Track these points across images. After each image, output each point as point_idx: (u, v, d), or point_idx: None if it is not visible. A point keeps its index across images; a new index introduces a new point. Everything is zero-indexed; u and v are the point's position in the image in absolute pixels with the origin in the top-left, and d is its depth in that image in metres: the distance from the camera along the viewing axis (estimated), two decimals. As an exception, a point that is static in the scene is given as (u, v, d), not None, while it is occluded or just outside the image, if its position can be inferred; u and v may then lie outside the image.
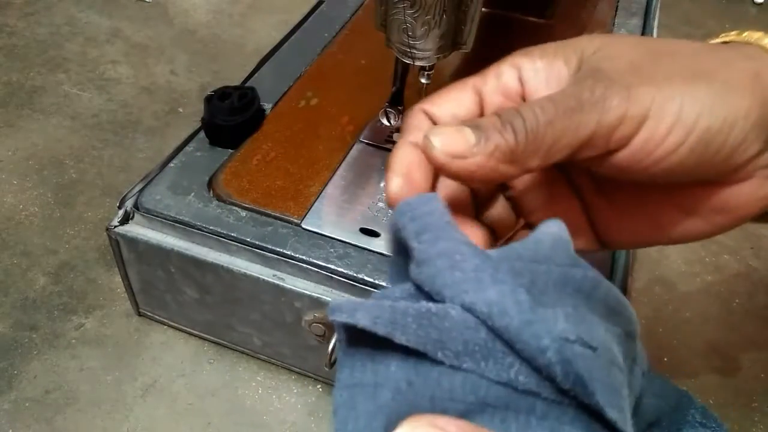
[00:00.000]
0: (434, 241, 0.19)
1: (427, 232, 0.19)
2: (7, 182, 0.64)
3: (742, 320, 0.56)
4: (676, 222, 0.24)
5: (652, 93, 0.20)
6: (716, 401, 0.51)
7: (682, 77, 0.20)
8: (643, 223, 0.25)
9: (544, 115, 0.20)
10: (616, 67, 0.21)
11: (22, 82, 0.76)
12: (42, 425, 0.46)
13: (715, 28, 0.93)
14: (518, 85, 0.23)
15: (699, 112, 0.20)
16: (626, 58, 0.21)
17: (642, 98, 0.20)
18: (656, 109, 0.20)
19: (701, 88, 0.20)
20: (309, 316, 0.44)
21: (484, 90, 0.24)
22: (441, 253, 0.19)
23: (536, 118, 0.20)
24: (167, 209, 0.46)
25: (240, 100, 0.51)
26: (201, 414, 0.48)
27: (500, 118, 0.21)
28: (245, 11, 0.91)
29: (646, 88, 0.20)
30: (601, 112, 0.20)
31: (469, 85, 0.24)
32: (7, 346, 0.51)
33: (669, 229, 0.24)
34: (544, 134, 0.20)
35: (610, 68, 0.21)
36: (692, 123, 0.20)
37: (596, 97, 0.20)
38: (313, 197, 0.47)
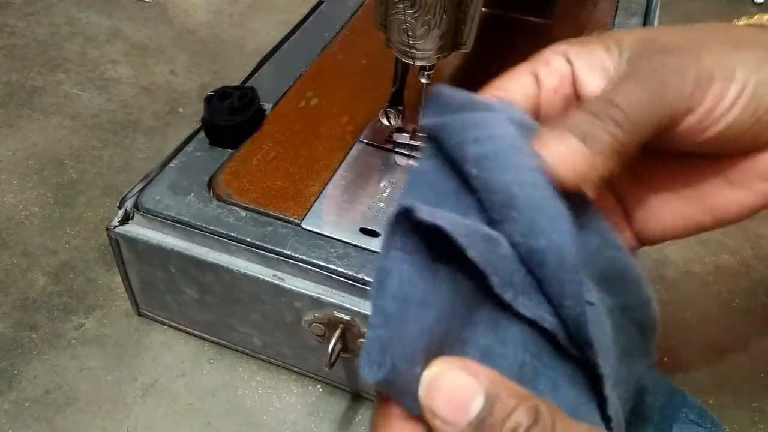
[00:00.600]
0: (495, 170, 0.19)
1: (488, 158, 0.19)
2: (7, 182, 0.64)
3: (742, 320, 0.56)
4: (721, 195, 0.24)
5: (713, 57, 0.21)
6: (716, 401, 0.51)
7: (728, 45, 0.21)
8: (685, 202, 0.25)
9: (635, 95, 0.20)
10: (673, 40, 0.21)
11: (22, 82, 0.76)
12: (42, 425, 0.46)
13: (715, 28, 0.93)
14: (569, 70, 0.23)
15: (750, 70, 0.21)
16: (678, 34, 0.22)
17: (706, 62, 0.21)
18: (718, 72, 0.21)
19: (746, 52, 0.21)
20: (309, 316, 0.44)
21: (539, 72, 0.24)
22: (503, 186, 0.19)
23: (630, 103, 0.20)
24: (167, 209, 0.46)
25: (240, 100, 0.51)
26: (201, 414, 0.48)
27: (592, 112, 0.20)
28: (245, 11, 0.91)
29: (706, 55, 0.21)
30: (681, 81, 0.20)
31: (524, 70, 0.24)
32: (7, 346, 0.51)
33: (713, 204, 0.24)
34: (642, 114, 0.20)
35: (669, 41, 0.21)
36: (744, 81, 0.21)
37: (672, 66, 0.20)
38: (313, 197, 0.47)
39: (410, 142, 0.51)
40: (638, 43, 0.22)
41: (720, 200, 0.24)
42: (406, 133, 0.51)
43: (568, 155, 0.20)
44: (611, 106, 0.20)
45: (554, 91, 0.23)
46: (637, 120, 0.20)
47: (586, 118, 0.20)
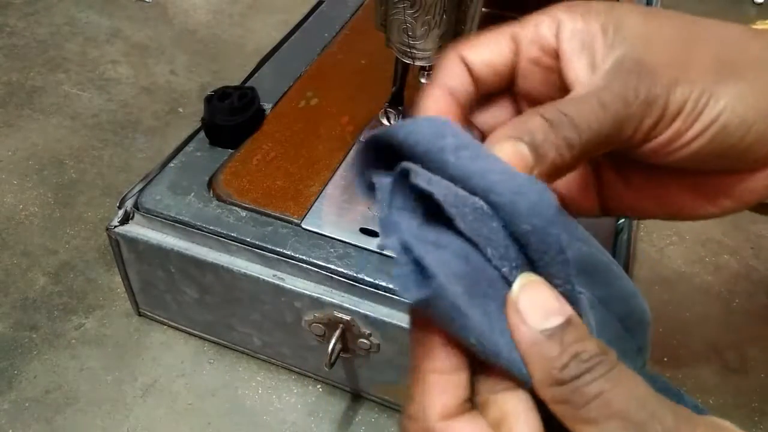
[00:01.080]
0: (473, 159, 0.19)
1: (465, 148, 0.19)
2: (7, 182, 0.64)
3: (742, 320, 0.56)
4: (685, 202, 0.25)
5: (687, 91, 0.21)
6: (716, 401, 0.51)
7: (714, 70, 0.21)
8: (652, 199, 0.25)
9: (597, 124, 0.20)
10: (657, 60, 0.21)
11: (22, 82, 0.76)
12: (42, 425, 0.46)
13: (715, 28, 0.93)
14: (554, 41, 0.23)
15: (721, 109, 0.21)
16: (665, 47, 0.21)
17: (679, 96, 0.21)
18: (688, 106, 0.21)
19: (729, 84, 0.21)
20: (309, 316, 0.44)
21: (521, 37, 0.23)
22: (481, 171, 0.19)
23: (590, 129, 0.20)
24: (167, 209, 0.46)
25: (240, 100, 0.51)
26: (201, 414, 0.48)
27: (552, 127, 0.21)
28: (245, 11, 0.91)
29: (683, 86, 0.21)
30: (645, 114, 0.21)
31: (507, 33, 0.24)
32: (7, 346, 0.51)
33: (676, 208, 0.25)
34: (596, 142, 0.21)
35: (651, 62, 0.21)
36: (713, 119, 0.21)
37: (641, 98, 0.21)
38: (313, 197, 0.47)
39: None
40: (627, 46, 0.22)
41: (685, 207, 0.25)
42: (406, 133, 0.51)
43: (512, 160, 0.20)
44: (571, 126, 0.20)
45: (534, 62, 0.23)
46: (588, 143, 0.20)
47: (542, 128, 0.21)
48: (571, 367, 0.17)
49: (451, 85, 0.23)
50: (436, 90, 0.23)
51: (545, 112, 0.21)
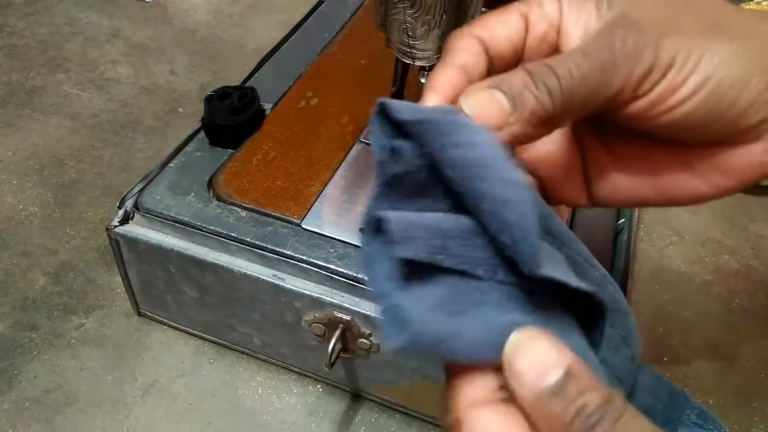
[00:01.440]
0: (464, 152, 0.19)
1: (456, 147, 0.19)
2: (7, 182, 0.64)
3: (742, 320, 0.56)
4: (677, 180, 0.24)
5: (677, 43, 0.20)
6: (716, 401, 0.51)
7: (706, 30, 0.21)
8: (643, 178, 0.25)
9: (579, 71, 0.20)
10: (644, 15, 0.21)
11: (22, 82, 0.76)
12: (42, 425, 0.46)
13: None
14: (558, 16, 0.23)
15: (716, 64, 0.20)
16: (653, 7, 0.21)
17: (668, 48, 0.20)
18: (680, 59, 0.20)
19: (722, 42, 0.20)
20: (309, 316, 0.44)
21: (529, 15, 0.23)
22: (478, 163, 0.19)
23: (571, 76, 0.20)
24: (167, 209, 0.46)
25: (240, 100, 0.51)
26: (201, 414, 0.48)
27: (532, 76, 0.20)
28: (245, 11, 0.91)
29: (672, 38, 0.20)
30: (633, 63, 0.20)
31: (515, 10, 0.23)
32: (7, 346, 0.51)
33: (668, 187, 0.24)
34: (579, 91, 0.20)
35: (639, 17, 0.21)
36: (708, 74, 0.20)
37: (628, 47, 0.20)
38: (313, 197, 0.47)
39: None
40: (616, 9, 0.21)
41: (677, 186, 0.24)
42: (406, 133, 0.51)
43: (486, 108, 0.20)
44: (551, 74, 0.20)
45: (541, 38, 0.23)
46: (570, 94, 0.20)
47: (522, 78, 0.20)
48: (576, 424, 0.16)
49: (464, 61, 0.22)
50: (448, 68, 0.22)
51: (527, 65, 0.21)
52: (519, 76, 0.20)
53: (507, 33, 0.23)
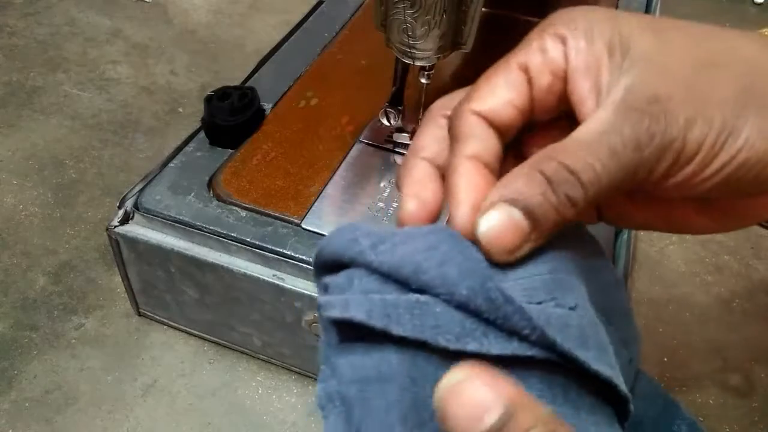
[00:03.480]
0: (392, 248, 0.18)
1: (383, 242, 0.19)
2: (7, 182, 0.64)
3: (742, 320, 0.56)
4: (688, 220, 0.24)
5: (706, 129, 0.19)
6: (716, 401, 0.51)
7: (733, 103, 0.19)
8: (654, 214, 0.24)
9: (606, 175, 0.19)
10: (671, 93, 0.19)
11: (22, 82, 0.76)
12: (42, 425, 0.46)
13: (715, 28, 0.93)
14: (564, 62, 0.21)
15: (741, 146, 0.19)
16: (680, 74, 0.19)
17: (697, 136, 0.19)
18: (708, 143, 0.19)
19: (749, 118, 0.19)
20: (309, 316, 0.44)
21: (530, 66, 0.21)
22: (403, 257, 0.18)
23: (598, 182, 0.19)
24: (167, 209, 0.46)
25: (240, 100, 0.51)
26: (201, 414, 0.48)
27: (552, 186, 0.19)
28: (245, 11, 0.91)
29: (701, 124, 0.19)
30: (660, 157, 0.19)
31: (513, 65, 0.21)
32: (7, 346, 0.51)
33: (678, 222, 0.24)
34: (603, 193, 0.19)
35: (666, 96, 0.19)
36: (734, 154, 0.19)
37: (656, 143, 0.19)
38: (313, 197, 0.47)
39: (410, 142, 0.51)
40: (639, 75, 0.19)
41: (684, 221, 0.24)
42: (406, 133, 0.51)
43: (505, 233, 0.19)
44: (575, 182, 0.19)
45: (547, 90, 0.21)
46: (596, 196, 0.19)
47: (540, 189, 0.19)
48: None
49: (476, 150, 0.21)
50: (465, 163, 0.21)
51: (545, 168, 0.19)
52: (537, 187, 0.19)
53: (509, 98, 0.21)
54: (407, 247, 0.18)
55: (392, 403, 0.17)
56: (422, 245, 0.18)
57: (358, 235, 0.19)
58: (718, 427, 0.49)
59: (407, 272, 0.18)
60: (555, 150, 0.19)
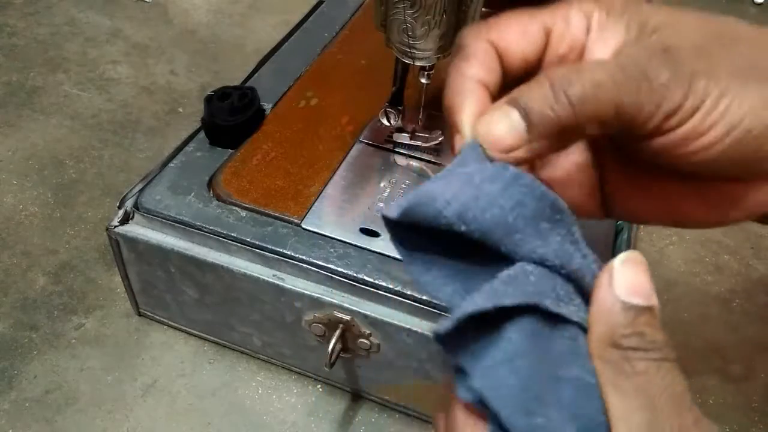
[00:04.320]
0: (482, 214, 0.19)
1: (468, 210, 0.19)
2: (7, 182, 0.64)
3: (742, 320, 0.56)
4: (691, 210, 0.24)
5: (709, 87, 0.19)
6: (716, 401, 0.51)
7: (740, 71, 0.20)
8: (658, 204, 0.25)
9: (612, 81, 0.19)
10: (683, 46, 0.20)
11: (22, 82, 0.76)
12: (42, 425, 0.46)
13: (715, 28, 0.93)
14: (584, 38, 0.22)
15: (745, 113, 0.19)
16: (692, 39, 0.20)
17: (700, 91, 0.19)
18: (708, 103, 0.19)
19: (753, 88, 0.20)
20: (309, 316, 0.44)
21: (553, 30, 0.22)
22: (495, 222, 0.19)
23: (600, 87, 0.19)
24: (167, 209, 0.46)
25: (240, 100, 0.51)
26: (201, 414, 0.48)
27: (554, 88, 0.19)
28: (245, 11, 0.91)
29: (705, 80, 0.19)
30: (662, 98, 0.19)
31: (538, 20, 0.22)
32: (7, 346, 0.51)
33: (681, 214, 0.24)
34: (605, 108, 0.19)
35: (677, 47, 0.20)
36: (735, 123, 0.20)
37: (661, 80, 0.19)
38: (313, 197, 0.47)
39: (410, 142, 0.51)
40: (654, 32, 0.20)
41: (686, 212, 0.24)
42: (406, 133, 0.51)
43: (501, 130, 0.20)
44: (577, 80, 0.19)
45: (561, 57, 0.22)
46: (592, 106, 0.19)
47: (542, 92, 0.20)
48: (632, 339, 0.18)
49: (481, 75, 0.21)
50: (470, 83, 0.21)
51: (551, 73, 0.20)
52: (538, 87, 0.20)
53: (524, 48, 0.22)
54: (494, 210, 0.19)
55: (524, 377, 0.18)
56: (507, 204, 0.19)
57: (439, 207, 0.19)
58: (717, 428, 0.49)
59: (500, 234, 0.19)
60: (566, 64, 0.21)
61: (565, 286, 0.19)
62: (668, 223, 0.25)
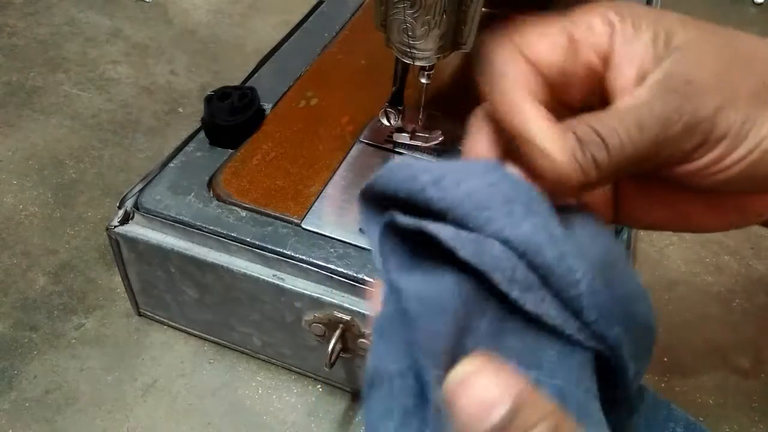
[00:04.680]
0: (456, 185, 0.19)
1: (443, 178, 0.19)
2: (7, 182, 0.64)
3: (742, 320, 0.56)
4: (701, 217, 0.24)
5: (732, 115, 0.20)
6: (716, 401, 0.51)
7: (757, 95, 0.20)
8: (669, 212, 0.25)
9: (632, 146, 0.20)
10: (703, 77, 0.20)
11: (22, 82, 0.76)
12: (42, 425, 0.46)
13: (715, 28, 0.93)
14: (608, 46, 0.21)
15: (764, 135, 0.20)
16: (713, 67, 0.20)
17: (724, 121, 0.20)
18: (733, 131, 0.20)
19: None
20: (309, 316, 0.44)
21: (577, 37, 0.21)
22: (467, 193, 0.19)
23: (622, 150, 0.20)
24: (167, 209, 0.46)
25: (240, 100, 0.51)
26: (201, 414, 0.48)
27: (582, 144, 0.20)
28: (245, 11, 0.91)
29: (728, 110, 0.20)
30: (688, 137, 0.20)
31: (562, 28, 0.21)
32: (7, 346, 0.51)
33: (691, 221, 0.24)
34: (627, 163, 0.20)
35: (698, 79, 0.20)
36: (755, 144, 0.20)
37: (685, 121, 0.20)
38: (313, 197, 0.47)
39: (410, 142, 0.51)
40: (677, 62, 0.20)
41: (694, 219, 0.24)
42: (406, 133, 0.51)
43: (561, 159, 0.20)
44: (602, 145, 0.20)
45: (587, 66, 0.21)
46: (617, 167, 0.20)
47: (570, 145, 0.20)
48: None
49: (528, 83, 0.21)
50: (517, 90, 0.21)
51: (577, 129, 0.20)
52: (568, 144, 0.20)
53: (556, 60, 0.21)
54: (469, 183, 0.19)
55: (442, 329, 0.18)
56: (483, 182, 0.19)
57: (416, 172, 0.19)
58: (718, 428, 0.49)
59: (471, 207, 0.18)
60: (589, 116, 0.20)
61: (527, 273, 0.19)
62: (675, 228, 0.25)
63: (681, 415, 0.25)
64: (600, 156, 0.20)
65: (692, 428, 0.24)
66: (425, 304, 0.18)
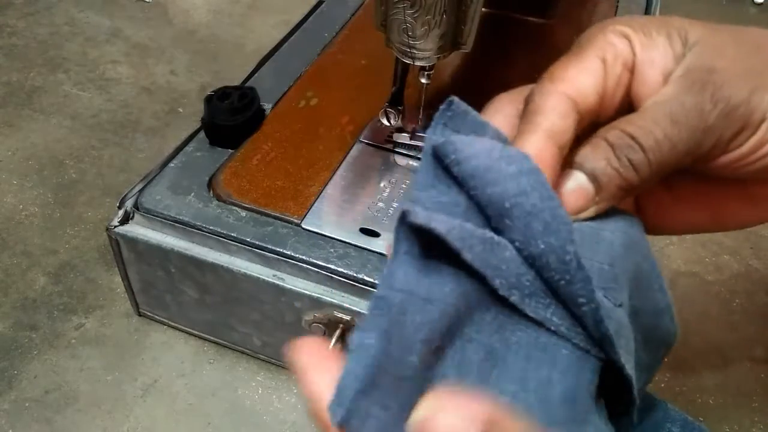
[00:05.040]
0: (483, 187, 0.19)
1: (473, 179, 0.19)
2: (7, 182, 0.64)
3: (742, 320, 0.56)
4: (736, 210, 0.24)
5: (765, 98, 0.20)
6: (716, 401, 0.51)
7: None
8: (701, 211, 0.24)
9: (667, 142, 0.19)
10: (728, 65, 0.20)
11: (22, 82, 0.76)
12: (42, 425, 0.46)
13: (715, 28, 0.93)
14: (632, 55, 0.21)
15: None
16: (734, 55, 0.20)
17: (760, 104, 0.19)
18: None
19: None
20: (309, 316, 0.44)
21: (606, 58, 0.22)
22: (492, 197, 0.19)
23: (659, 148, 0.19)
24: (167, 209, 0.46)
25: (240, 100, 0.51)
26: (201, 414, 0.48)
27: (615, 151, 0.20)
28: (245, 11, 0.91)
29: (763, 93, 0.20)
30: (726, 125, 0.19)
31: (593, 55, 0.22)
32: (7, 346, 0.51)
33: (726, 216, 0.24)
34: (667, 161, 0.20)
35: (724, 69, 0.20)
36: None
37: (720, 109, 0.19)
38: (313, 197, 0.47)
39: (410, 142, 0.51)
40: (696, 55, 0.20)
41: (730, 214, 0.24)
42: (406, 133, 0.51)
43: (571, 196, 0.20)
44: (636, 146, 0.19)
45: (617, 81, 0.21)
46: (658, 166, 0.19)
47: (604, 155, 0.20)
48: None
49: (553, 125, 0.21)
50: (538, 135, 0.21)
51: (608, 135, 0.20)
52: (601, 152, 0.20)
53: (594, 84, 0.21)
54: (498, 188, 0.19)
55: (425, 323, 0.18)
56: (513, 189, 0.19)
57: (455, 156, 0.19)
58: (718, 428, 0.49)
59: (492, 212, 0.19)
60: (618, 121, 0.20)
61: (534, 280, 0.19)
62: (709, 229, 0.25)
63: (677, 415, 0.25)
64: (636, 158, 0.19)
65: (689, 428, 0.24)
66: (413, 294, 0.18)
